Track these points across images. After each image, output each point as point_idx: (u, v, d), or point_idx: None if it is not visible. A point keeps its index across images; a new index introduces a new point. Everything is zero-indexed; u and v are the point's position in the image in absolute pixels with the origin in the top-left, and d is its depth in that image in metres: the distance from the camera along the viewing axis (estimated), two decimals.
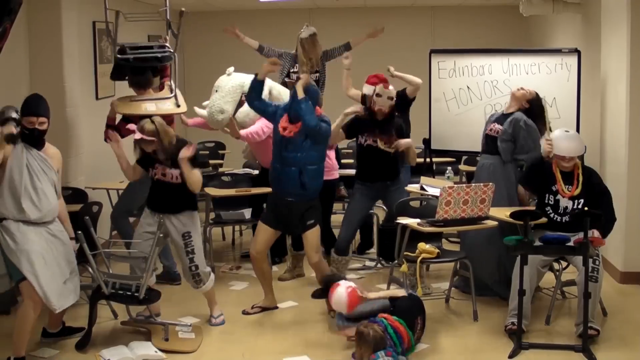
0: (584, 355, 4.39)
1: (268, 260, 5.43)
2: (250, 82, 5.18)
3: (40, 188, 4.29)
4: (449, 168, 6.75)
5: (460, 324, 5.04)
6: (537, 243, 4.63)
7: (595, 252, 4.59)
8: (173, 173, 4.78)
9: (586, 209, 4.75)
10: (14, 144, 4.23)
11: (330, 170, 5.86)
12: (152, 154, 4.77)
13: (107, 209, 5.85)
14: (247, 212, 6.34)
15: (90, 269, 4.74)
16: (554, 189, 4.92)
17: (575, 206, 4.86)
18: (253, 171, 7.01)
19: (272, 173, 5.14)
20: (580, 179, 4.89)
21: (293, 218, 5.11)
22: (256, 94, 5.15)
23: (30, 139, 4.31)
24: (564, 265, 5.06)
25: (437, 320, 5.07)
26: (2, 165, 4.20)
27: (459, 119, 6.79)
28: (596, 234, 4.58)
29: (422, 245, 5.10)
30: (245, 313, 5.25)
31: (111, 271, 4.70)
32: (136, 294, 4.54)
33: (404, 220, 5.10)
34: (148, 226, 4.84)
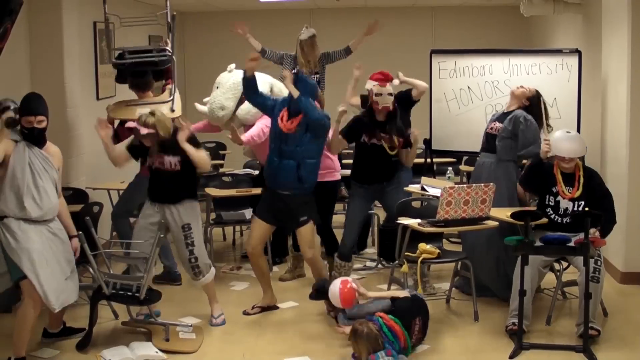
0: (584, 355, 4.39)
1: (267, 257, 5.41)
2: (242, 81, 5.19)
3: (42, 186, 4.29)
4: (450, 168, 6.75)
5: (461, 324, 5.04)
6: (538, 243, 4.63)
7: (597, 253, 4.59)
8: (171, 161, 4.77)
9: (587, 209, 4.75)
10: (15, 127, 4.21)
11: (332, 171, 5.85)
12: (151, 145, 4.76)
13: (107, 209, 5.86)
14: (248, 213, 6.33)
15: (90, 269, 4.75)
16: (554, 190, 4.92)
17: (576, 208, 4.85)
18: (253, 171, 7.02)
19: (269, 167, 5.11)
20: (581, 180, 4.88)
21: (288, 213, 5.10)
22: (252, 90, 5.14)
23: (30, 137, 4.31)
24: (565, 266, 5.07)
25: (438, 320, 5.07)
26: (4, 163, 4.19)
27: (460, 119, 6.79)
28: (596, 234, 4.59)
29: (422, 246, 5.10)
30: (245, 314, 5.25)
31: (112, 271, 4.71)
32: (137, 294, 4.55)
33: (404, 221, 5.10)
34: (149, 217, 4.86)
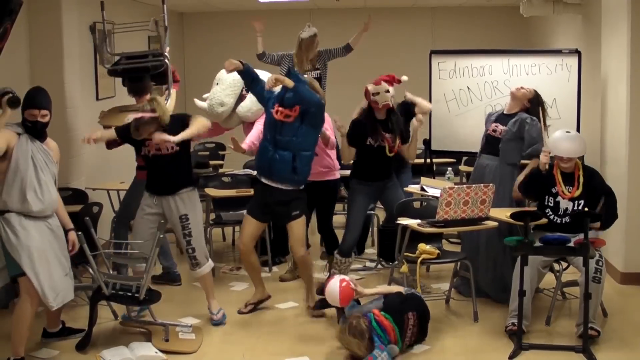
0: (584, 356, 4.39)
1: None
2: (240, 75, 5.20)
3: (44, 180, 4.29)
4: (449, 169, 6.75)
5: (461, 324, 5.04)
6: (537, 244, 4.63)
7: (598, 253, 4.59)
8: (167, 145, 4.78)
9: (586, 209, 4.75)
10: (17, 107, 4.19)
11: (333, 170, 5.85)
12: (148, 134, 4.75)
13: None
14: None
15: (90, 269, 4.74)
16: (554, 190, 4.91)
17: (576, 207, 4.85)
18: (253, 172, 6.99)
19: (262, 155, 5.05)
20: (581, 179, 4.88)
21: (280, 207, 5.10)
22: (248, 82, 5.17)
23: (33, 131, 4.31)
24: (564, 266, 5.07)
25: (438, 320, 5.07)
26: (7, 155, 4.18)
27: (459, 119, 6.79)
28: (597, 225, 4.64)
29: (422, 246, 5.10)
30: (240, 312, 5.25)
31: (111, 272, 4.71)
32: (136, 294, 4.55)
33: (404, 221, 5.10)
34: (148, 207, 4.87)
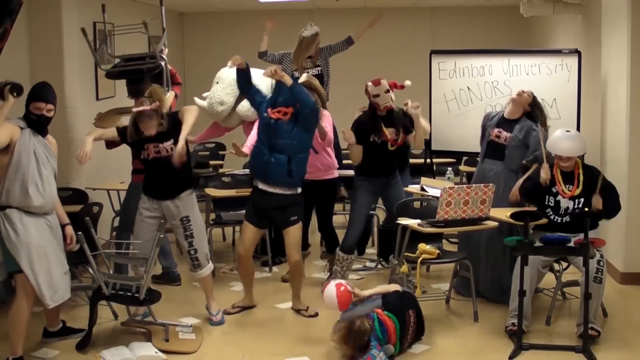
0: (584, 356, 4.39)
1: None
2: (236, 72, 5.20)
3: (45, 175, 4.30)
4: (449, 169, 6.75)
5: (461, 324, 5.04)
6: (537, 244, 4.63)
7: (599, 253, 4.59)
8: (166, 146, 4.78)
9: (586, 209, 4.75)
10: (19, 95, 4.19)
11: (332, 169, 5.84)
12: (147, 133, 4.73)
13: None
14: None
15: (90, 269, 4.75)
16: (554, 190, 4.91)
17: (576, 206, 4.85)
18: None
19: (257, 159, 5.05)
20: (581, 178, 4.88)
21: (277, 212, 5.10)
22: (242, 83, 5.16)
23: (37, 125, 4.31)
24: (565, 266, 5.07)
25: (438, 320, 5.07)
26: (9, 148, 4.17)
27: (460, 119, 6.78)
28: (598, 200, 4.70)
29: (422, 246, 5.10)
30: (226, 313, 5.24)
31: (111, 272, 4.70)
32: (136, 294, 4.55)
33: (404, 221, 5.10)
34: (147, 211, 4.86)
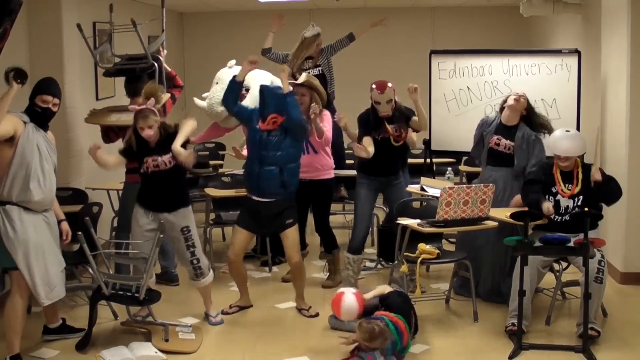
0: (584, 356, 4.39)
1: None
2: (229, 83, 5.17)
3: (47, 170, 4.30)
4: (449, 169, 6.74)
5: (461, 324, 5.04)
6: (537, 244, 4.63)
7: (600, 253, 4.59)
8: (165, 160, 4.77)
9: (586, 209, 4.75)
10: (23, 83, 4.17)
11: (329, 169, 5.83)
12: (145, 134, 4.72)
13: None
14: None
15: (90, 269, 4.75)
16: (553, 190, 4.91)
17: (575, 204, 4.85)
18: None
19: (250, 176, 5.13)
20: (580, 176, 4.88)
21: (272, 218, 5.11)
22: (233, 97, 5.13)
23: (42, 118, 4.31)
24: (564, 266, 5.06)
25: (438, 320, 5.07)
26: (13, 142, 4.17)
27: (459, 119, 6.78)
28: (597, 175, 4.72)
29: (422, 246, 5.10)
30: (224, 313, 5.24)
31: (111, 272, 4.70)
32: (136, 294, 4.54)
33: (404, 221, 5.10)
34: (146, 225, 4.83)
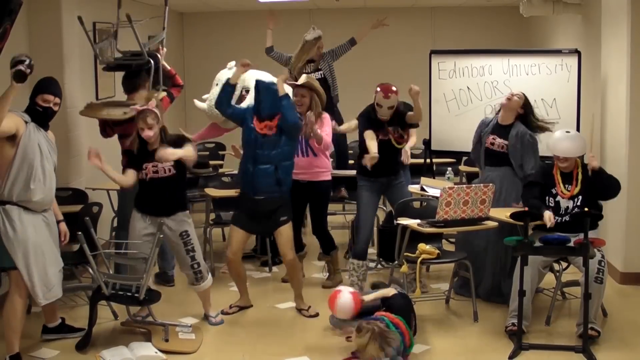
0: (584, 356, 4.39)
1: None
2: (222, 86, 5.20)
3: (48, 169, 4.30)
4: (449, 169, 6.74)
5: (461, 324, 5.04)
6: (537, 244, 4.63)
7: (600, 253, 4.59)
8: (165, 167, 4.78)
9: (586, 209, 4.75)
10: (23, 82, 4.13)
11: (327, 171, 5.82)
12: (145, 135, 4.72)
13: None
14: None
15: (90, 269, 4.75)
16: (553, 191, 4.91)
17: (575, 204, 4.84)
18: None
19: (244, 176, 5.12)
20: (580, 177, 4.88)
21: (267, 216, 5.11)
22: (227, 99, 5.16)
23: (43, 117, 4.31)
24: (565, 266, 5.07)
25: (438, 321, 5.07)
26: (14, 141, 4.16)
27: (459, 119, 6.78)
28: (594, 163, 4.74)
29: (422, 246, 5.10)
30: (224, 313, 5.24)
31: (111, 272, 4.70)
32: (136, 294, 4.54)
33: (404, 221, 5.10)
34: (143, 230, 4.82)
